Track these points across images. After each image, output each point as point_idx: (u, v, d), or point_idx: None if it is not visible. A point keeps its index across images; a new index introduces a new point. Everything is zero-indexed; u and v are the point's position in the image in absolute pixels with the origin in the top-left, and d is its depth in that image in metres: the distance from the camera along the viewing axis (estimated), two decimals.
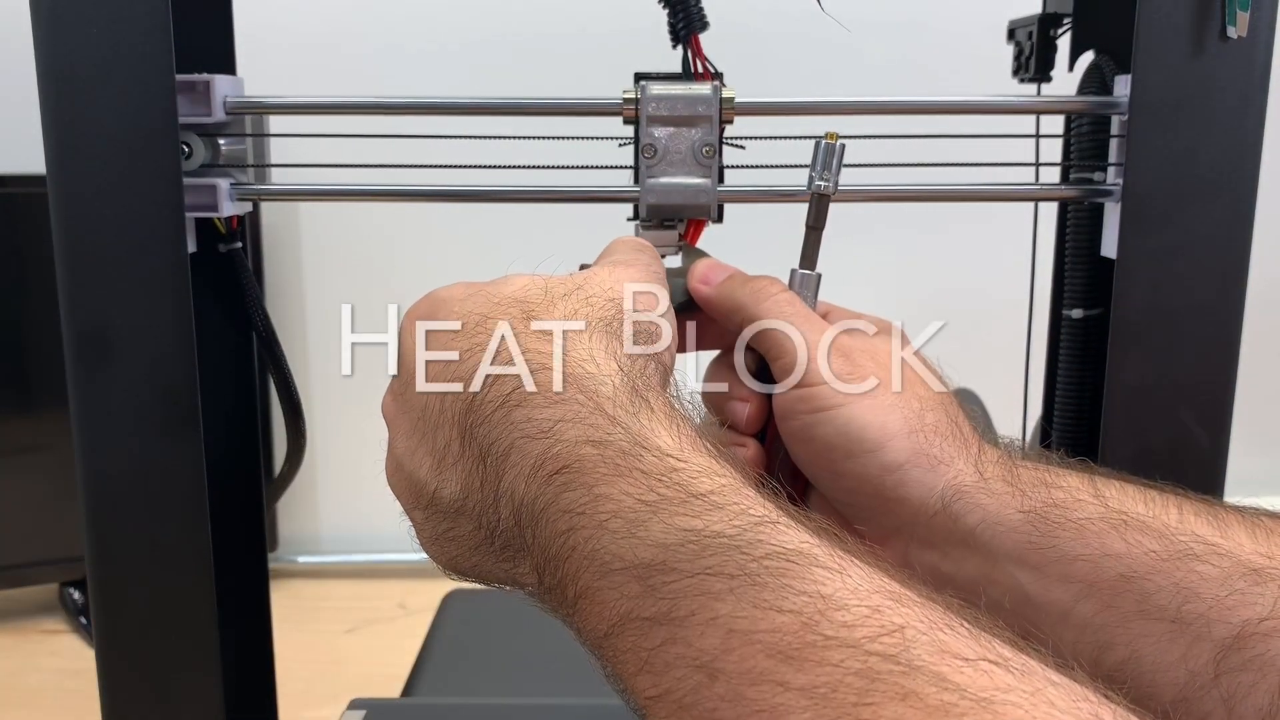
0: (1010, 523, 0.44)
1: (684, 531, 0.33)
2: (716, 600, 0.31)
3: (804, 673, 0.29)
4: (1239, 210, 0.51)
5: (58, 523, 1.08)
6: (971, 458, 0.46)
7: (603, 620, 0.33)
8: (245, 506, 0.61)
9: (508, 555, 0.38)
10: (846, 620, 0.30)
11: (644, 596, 0.32)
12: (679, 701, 0.31)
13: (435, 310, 0.42)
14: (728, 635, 0.30)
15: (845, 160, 0.49)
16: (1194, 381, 0.52)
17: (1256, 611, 0.40)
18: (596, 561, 0.33)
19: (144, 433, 0.51)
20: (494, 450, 0.37)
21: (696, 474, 0.35)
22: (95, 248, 0.49)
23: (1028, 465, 0.46)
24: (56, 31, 0.48)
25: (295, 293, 1.26)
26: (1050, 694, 0.27)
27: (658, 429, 0.36)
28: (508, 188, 0.55)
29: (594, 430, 0.35)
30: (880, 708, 0.27)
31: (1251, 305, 0.52)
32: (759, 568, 0.31)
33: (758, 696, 0.29)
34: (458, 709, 0.81)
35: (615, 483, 0.34)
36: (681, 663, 0.31)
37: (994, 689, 0.27)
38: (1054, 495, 0.44)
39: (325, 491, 1.30)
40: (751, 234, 0.57)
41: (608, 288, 0.42)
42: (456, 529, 0.39)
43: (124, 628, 0.53)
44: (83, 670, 1.00)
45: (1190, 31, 0.49)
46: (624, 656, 0.33)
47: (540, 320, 0.39)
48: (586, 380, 0.37)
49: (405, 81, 1.18)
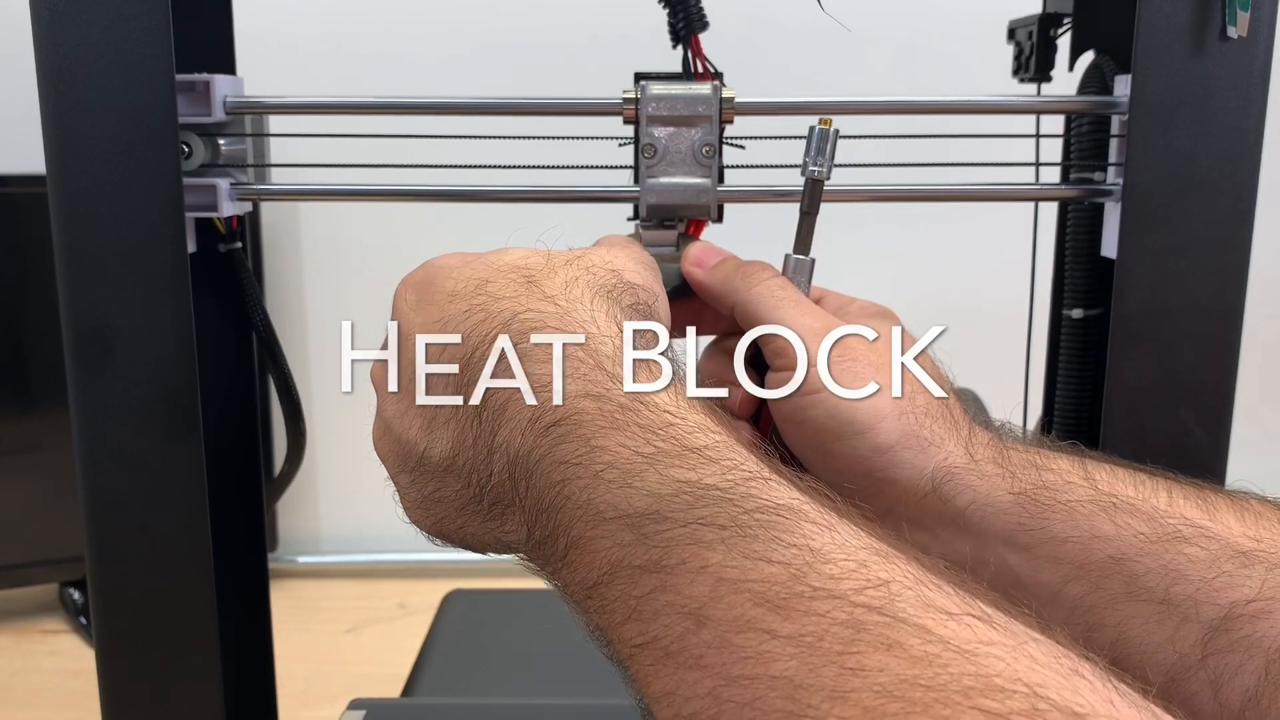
0: (1000, 504, 0.44)
1: (678, 483, 0.33)
2: (707, 549, 0.31)
3: (791, 621, 0.29)
4: (1239, 210, 0.51)
5: (58, 523, 1.08)
6: (962, 440, 0.46)
7: (593, 570, 0.33)
8: (245, 506, 0.61)
9: (495, 513, 0.38)
10: (833, 573, 0.30)
11: (635, 545, 0.32)
12: (665, 649, 0.31)
13: (432, 277, 0.42)
14: (717, 584, 0.31)
15: (846, 161, 0.49)
16: (1194, 381, 0.52)
17: (1244, 594, 0.40)
18: (590, 511, 0.34)
19: (144, 433, 0.51)
20: (490, 404, 0.37)
21: (692, 429, 0.35)
22: (95, 248, 0.49)
23: (1018, 448, 0.47)
24: (56, 31, 0.48)
25: (295, 293, 1.26)
26: (1031, 649, 0.28)
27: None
28: (508, 188, 0.55)
29: (593, 385, 0.36)
30: (865, 656, 0.28)
31: (1251, 305, 0.52)
32: (750, 520, 0.32)
33: (744, 643, 0.29)
34: (458, 709, 0.81)
35: (612, 435, 0.34)
36: (670, 610, 0.31)
37: (977, 642, 0.28)
38: (1044, 478, 0.45)
39: (325, 491, 1.30)
40: (751, 232, 0.57)
41: (607, 260, 0.43)
42: (444, 489, 0.39)
43: (124, 628, 0.53)
44: (83, 670, 1.00)
45: (1190, 31, 0.49)
46: (612, 606, 0.33)
47: (541, 285, 0.40)
48: (587, 339, 0.37)
49: (405, 81, 1.18)
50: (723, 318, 0.51)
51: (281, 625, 0.65)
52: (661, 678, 0.31)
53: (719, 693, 0.29)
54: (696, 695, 0.30)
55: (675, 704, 0.31)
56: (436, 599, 1.06)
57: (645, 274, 0.44)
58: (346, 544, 1.30)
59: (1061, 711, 0.25)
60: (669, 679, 0.31)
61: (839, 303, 0.53)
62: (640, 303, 0.42)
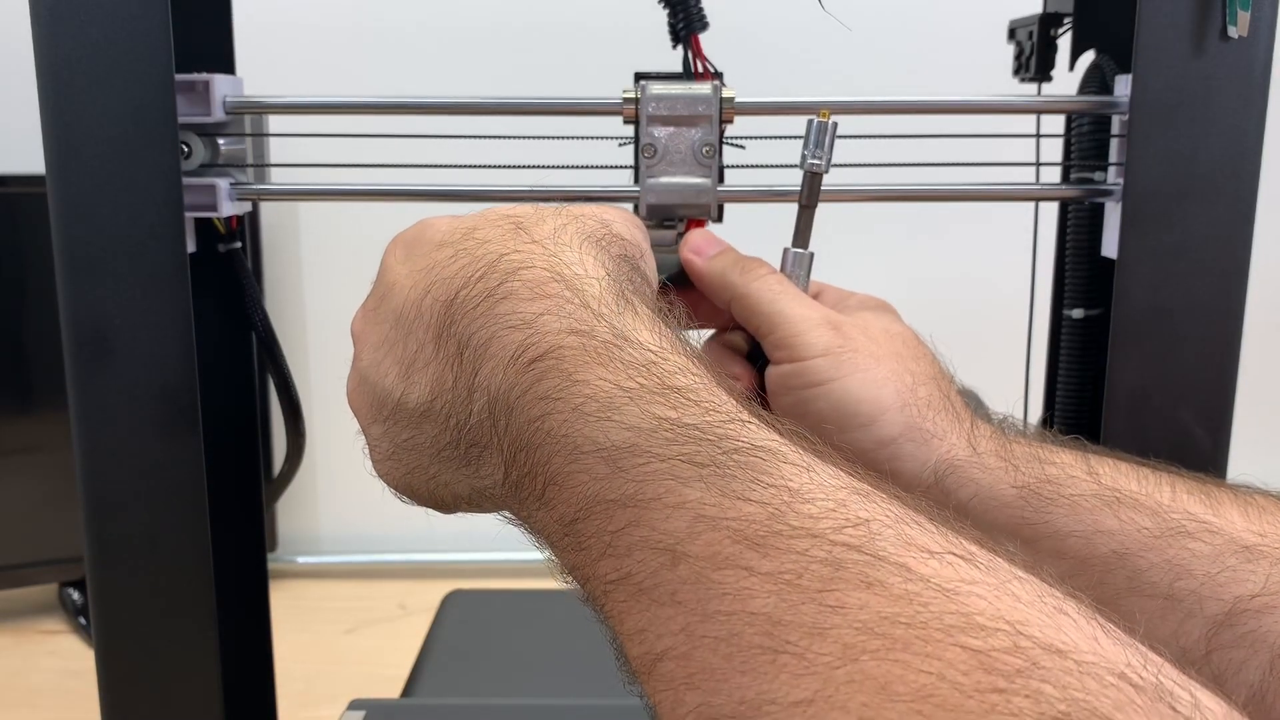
0: (1003, 498, 0.44)
1: (658, 419, 0.32)
2: (685, 486, 0.31)
3: (769, 559, 0.29)
4: (1239, 210, 0.51)
5: (58, 523, 1.08)
6: (965, 432, 0.46)
7: (570, 506, 0.33)
8: (245, 506, 0.61)
9: (472, 456, 0.37)
10: (812, 512, 0.29)
11: (612, 478, 0.32)
12: (639, 585, 0.30)
13: (421, 231, 0.42)
14: (694, 520, 0.30)
15: (847, 160, 0.49)
16: (1194, 381, 0.52)
17: (1248, 588, 0.40)
18: (569, 445, 0.33)
19: (144, 433, 0.51)
20: (473, 342, 0.36)
21: (674, 370, 0.34)
22: (95, 248, 0.49)
23: (1021, 441, 0.46)
24: (56, 31, 0.48)
25: (295, 293, 1.26)
26: (1014, 587, 0.27)
27: (640, 328, 0.36)
28: (508, 188, 0.55)
29: (577, 322, 0.35)
30: (845, 594, 0.27)
31: (1251, 305, 0.52)
32: (729, 460, 0.31)
33: (721, 579, 0.29)
34: (457, 709, 0.81)
35: (594, 369, 0.34)
36: (645, 545, 0.31)
37: (958, 580, 0.27)
38: (1047, 471, 0.45)
39: (325, 491, 1.30)
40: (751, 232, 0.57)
41: (596, 213, 0.42)
42: (418, 436, 0.39)
43: (124, 628, 0.53)
44: (82, 670, 1.00)
45: (1191, 31, 0.49)
46: (588, 542, 0.32)
47: (529, 230, 0.39)
48: (573, 280, 0.37)
49: (405, 81, 1.18)
50: (718, 311, 0.51)
51: (281, 625, 0.65)
52: (634, 614, 0.31)
53: (693, 629, 0.29)
54: (670, 632, 0.29)
55: (648, 641, 0.30)
56: (436, 599, 1.06)
57: (634, 232, 0.43)
58: (346, 544, 1.30)
59: (1044, 649, 0.25)
60: (642, 615, 0.30)
61: (837, 296, 0.53)
62: (628, 254, 0.41)
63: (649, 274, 0.43)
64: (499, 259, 0.38)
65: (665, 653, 0.29)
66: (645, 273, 0.43)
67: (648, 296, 0.40)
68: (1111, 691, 0.24)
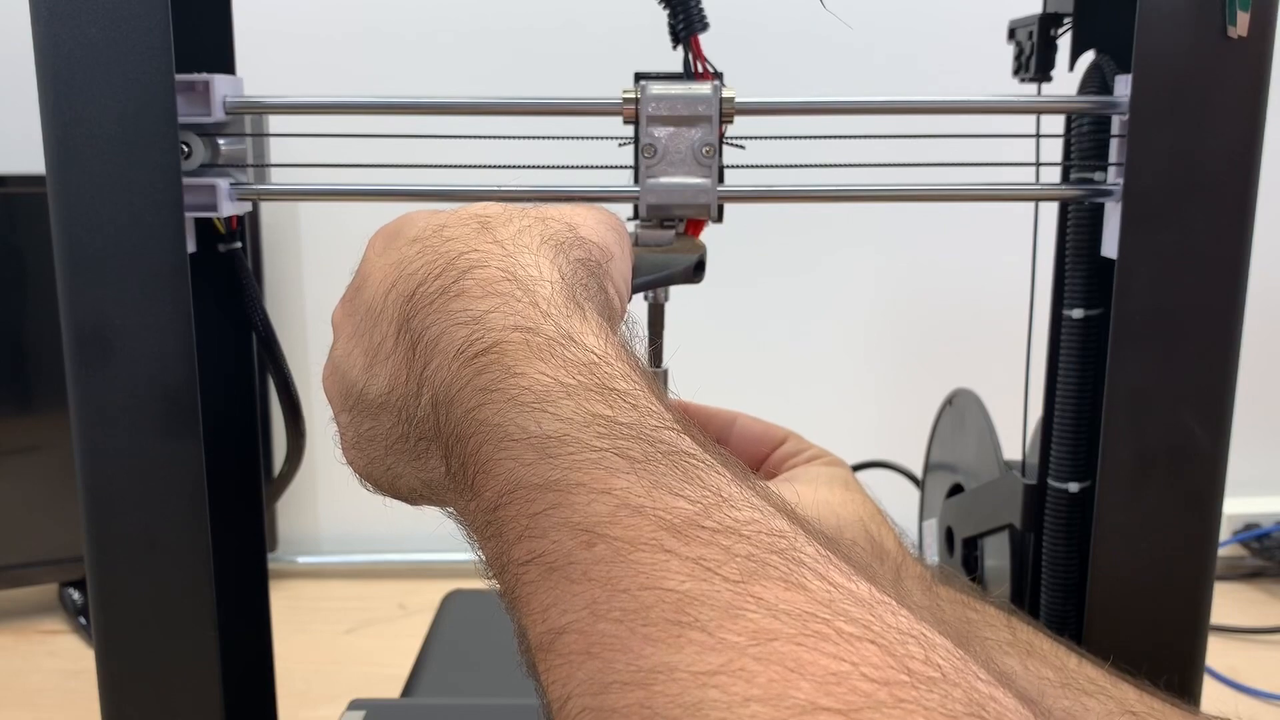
0: None
1: (593, 415, 0.32)
2: (613, 476, 0.30)
3: (691, 547, 0.28)
4: (1239, 210, 0.50)
5: (58, 523, 1.07)
6: (891, 570, 0.48)
7: (494, 492, 0.32)
8: (245, 506, 0.61)
9: (420, 450, 0.38)
10: (740, 518, 0.29)
11: (538, 464, 0.31)
12: (550, 564, 0.30)
13: (401, 225, 0.43)
14: (619, 507, 0.30)
15: (848, 161, 0.49)
16: (1194, 382, 0.52)
17: None
18: (499, 433, 0.33)
19: (144, 433, 0.51)
20: (425, 337, 0.37)
21: (616, 374, 0.34)
22: (95, 248, 0.49)
23: (949, 588, 0.49)
24: (56, 31, 0.48)
25: (295, 293, 1.26)
26: (922, 614, 0.29)
27: (587, 331, 0.36)
28: (508, 188, 0.55)
29: (524, 319, 0.35)
30: (765, 589, 0.27)
31: (1252, 305, 0.52)
32: (662, 459, 0.31)
33: (639, 559, 0.28)
34: (457, 709, 0.81)
35: (535, 364, 0.34)
36: (563, 526, 0.30)
37: (876, 599, 0.28)
38: (968, 615, 0.48)
39: (325, 491, 1.30)
40: (751, 231, 0.57)
41: (565, 215, 0.43)
42: (377, 427, 0.39)
43: (124, 628, 0.53)
44: (82, 670, 1.00)
45: (1191, 31, 0.49)
46: (507, 527, 0.32)
47: (494, 230, 0.40)
48: (526, 280, 0.37)
49: (405, 81, 1.18)
50: None
51: (281, 625, 0.65)
52: (542, 593, 0.30)
53: (600, 602, 0.28)
54: (575, 607, 0.28)
55: (551, 618, 0.29)
56: (436, 599, 1.06)
57: (606, 235, 0.44)
58: (346, 544, 1.30)
59: (956, 664, 0.26)
60: (549, 593, 0.29)
61: (796, 446, 0.55)
62: (590, 259, 0.41)
63: (616, 277, 0.44)
64: (458, 257, 0.38)
65: (567, 627, 0.28)
66: (612, 275, 0.43)
67: (602, 303, 0.40)
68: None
